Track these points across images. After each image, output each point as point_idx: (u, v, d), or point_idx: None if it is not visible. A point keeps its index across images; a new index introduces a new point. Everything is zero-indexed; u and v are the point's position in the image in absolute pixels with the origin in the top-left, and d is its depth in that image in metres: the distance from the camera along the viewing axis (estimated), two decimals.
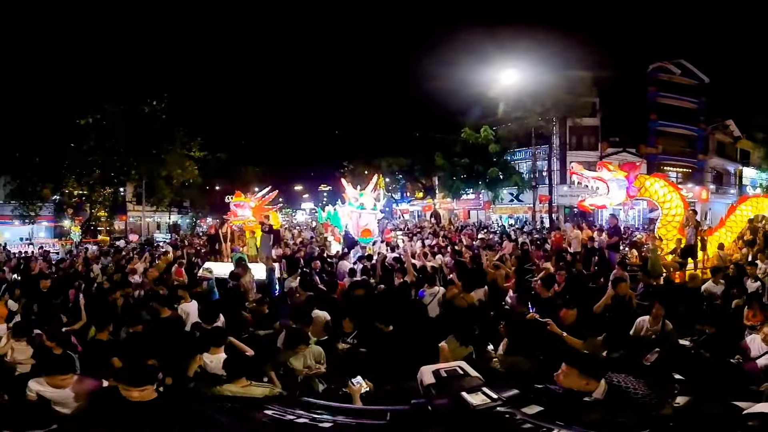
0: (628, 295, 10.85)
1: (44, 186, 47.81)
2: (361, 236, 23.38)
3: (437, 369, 3.81)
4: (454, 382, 3.55)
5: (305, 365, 8.15)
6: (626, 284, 11.19)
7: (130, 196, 60.16)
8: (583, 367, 4.93)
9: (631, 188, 18.58)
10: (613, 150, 49.12)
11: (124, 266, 19.99)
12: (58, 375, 6.31)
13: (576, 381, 4.91)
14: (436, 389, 3.53)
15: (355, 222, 24.02)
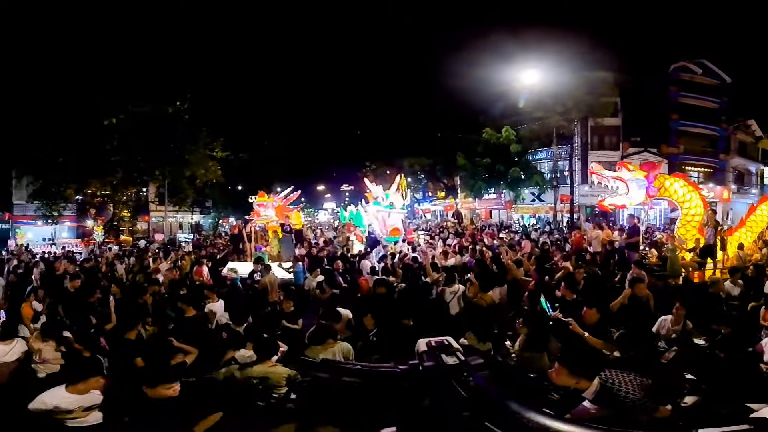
0: (646, 295, 10.78)
1: (67, 186, 47.93)
2: (389, 235, 23.53)
3: (429, 341, 4.24)
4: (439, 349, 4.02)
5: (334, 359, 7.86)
6: (644, 284, 11.07)
7: (153, 196, 60.03)
8: (572, 367, 5.08)
9: (651, 188, 18.58)
10: (635, 150, 48.91)
11: (148, 266, 20.42)
12: (86, 379, 6.38)
13: (566, 379, 5.09)
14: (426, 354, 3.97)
15: (382, 221, 24.02)
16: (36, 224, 49.68)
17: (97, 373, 6.57)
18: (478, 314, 10.00)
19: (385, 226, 23.66)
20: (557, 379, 5.22)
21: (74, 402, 6.27)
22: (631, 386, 4.64)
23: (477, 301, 10.97)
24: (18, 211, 50.99)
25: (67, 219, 52.19)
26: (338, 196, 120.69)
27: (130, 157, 47.45)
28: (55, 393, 6.29)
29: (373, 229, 26.17)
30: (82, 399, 6.33)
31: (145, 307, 12.10)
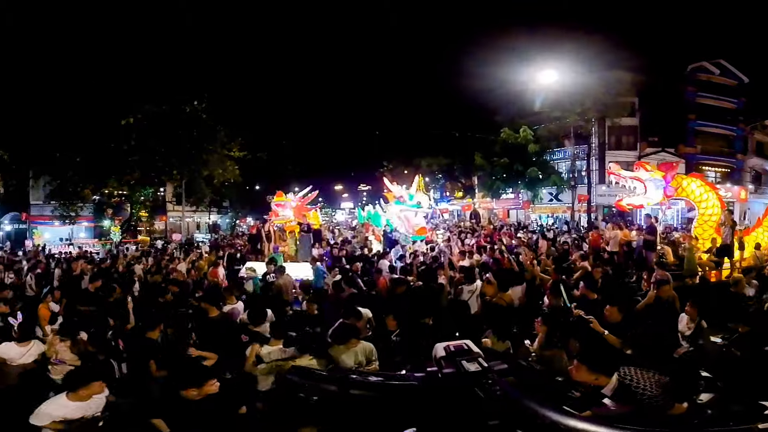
0: (672, 296, 10.75)
1: (85, 186, 48.21)
2: (416, 234, 23.61)
3: (447, 345, 4.35)
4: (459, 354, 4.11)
5: (356, 361, 7.98)
6: (669, 286, 11.04)
7: (170, 196, 60.26)
8: (592, 363, 5.22)
9: (668, 188, 18.65)
10: (652, 150, 48.89)
11: (165, 267, 20.49)
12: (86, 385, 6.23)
13: (586, 375, 5.25)
14: (444, 360, 4.07)
15: (407, 220, 24.01)
16: (53, 224, 49.84)
17: (98, 378, 6.45)
18: (497, 313, 10.07)
19: (411, 225, 23.68)
20: (577, 376, 5.37)
21: (78, 410, 6.21)
22: (649, 383, 4.72)
23: (496, 301, 11.05)
24: (35, 211, 51.36)
25: (85, 219, 52.64)
26: (355, 195, 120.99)
27: (148, 157, 47.35)
28: (57, 403, 6.21)
29: (396, 228, 26.24)
30: (86, 406, 6.28)
31: (166, 307, 12.18)
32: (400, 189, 24.63)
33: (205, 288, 15.50)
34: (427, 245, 23.90)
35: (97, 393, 6.36)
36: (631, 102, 48.01)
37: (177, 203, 58.04)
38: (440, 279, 13.99)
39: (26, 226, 50.53)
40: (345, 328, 8.35)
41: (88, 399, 6.24)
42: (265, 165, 61.53)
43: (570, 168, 49.59)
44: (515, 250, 20.03)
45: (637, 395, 4.71)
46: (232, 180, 54.72)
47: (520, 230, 34.14)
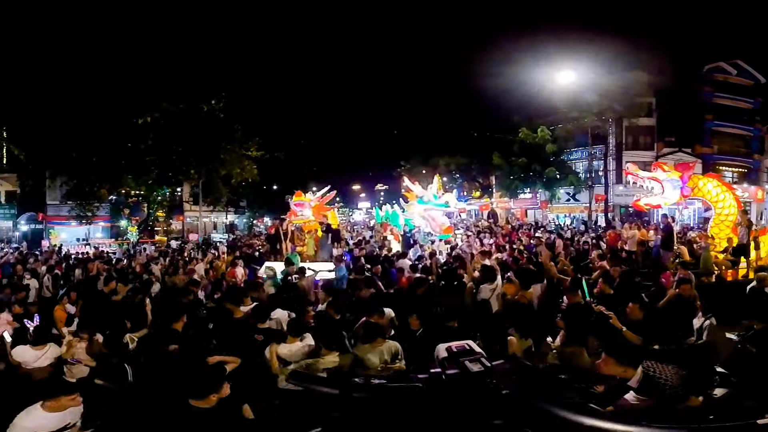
0: (693, 295, 10.90)
1: (101, 186, 48.16)
2: (443, 233, 23.76)
3: (449, 345, 4.52)
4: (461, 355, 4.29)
5: (381, 360, 7.97)
6: (690, 285, 11.25)
7: (187, 196, 60.36)
8: (621, 356, 5.48)
9: (685, 188, 18.76)
10: (669, 150, 48.93)
11: (183, 267, 20.27)
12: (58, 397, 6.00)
13: (614, 368, 5.51)
14: (447, 360, 4.24)
15: (432, 219, 24.16)
16: (70, 224, 49.78)
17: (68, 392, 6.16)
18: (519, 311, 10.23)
19: (437, 224, 23.79)
20: (605, 369, 5.61)
21: (53, 421, 5.97)
22: (670, 375, 4.90)
23: (518, 299, 11.16)
24: (52, 211, 51.47)
25: (101, 219, 52.28)
26: (373, 195, 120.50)
27: (165, 156, 47.53)
28: (33, 414, 5.93)
29: (419, 227, 26.36)
30: (62, 416, 6.05)
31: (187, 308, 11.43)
32: (420, 189, 24.73)
33: (224, 289, 15.72)
34: (446, 245, 24.05)
35: (74, 405, 6.17)
36: (648, 102, 48.07)
37: (194, 203, 58.10)
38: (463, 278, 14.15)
39: (43, 226, 50.62)
40: (370, 327, 8.42)
41: (64, 409, 6.04)
42: (283, 165, 61.50)
43: (587, 168, 49.68)
44: (534, 250, 20.23)
45: (659, 386, 4.89)
46: (250, 180, 54.38)
47: (537, 230, 34.26)
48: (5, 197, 52.16)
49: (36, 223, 50.96)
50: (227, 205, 62.77)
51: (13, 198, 51.83)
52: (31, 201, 50.88)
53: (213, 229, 65.73)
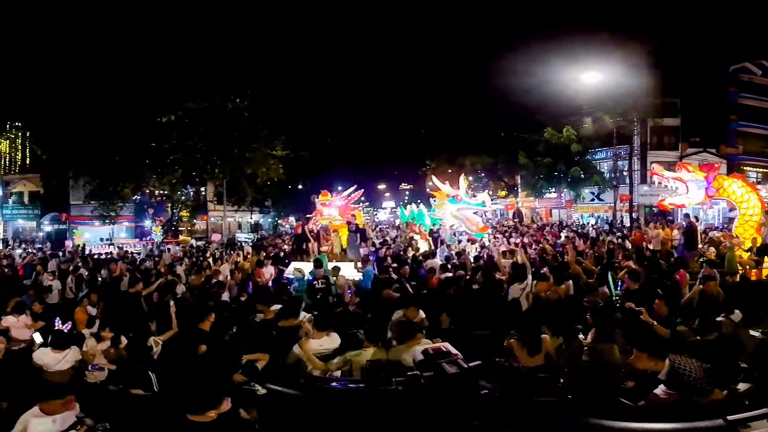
0: (717, 292, 11.10)
1: (125, 186, 48.51)
2: (478, 232, 24.06)
3: (426, 348, 4.69)
4: (438, 357, 4.46)
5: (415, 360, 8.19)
6: (715, 282, 11.41)
7: (211, 196, 60.09)
8: (651, 351, 5.81)
9: (710, 188, 18.86)
10: (693, 150, 48.68)
11: (206, 268, 20.15)
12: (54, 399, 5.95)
13: (646, 362, 5.91)
14: (425, 363, 4.39)
15: (465, 218, 24.37)
16: (93, 224, 50.14)
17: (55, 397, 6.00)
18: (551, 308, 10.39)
19: (472, 223, 23.99)
20: (638, 364, 6.01)
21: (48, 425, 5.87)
22: (694, 368, 5.29)
23: (550, 295, 11.32)
24: (75, 211, 51.67)
25: (125, 219, 52.99)
26: (397, 194, 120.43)
27: (189, 155, 47.48)
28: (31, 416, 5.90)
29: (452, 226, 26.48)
30: (59, 420, 5.93)
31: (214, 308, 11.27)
32: (450, 188, 24.81)
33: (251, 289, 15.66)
34: (473, 244, 24.15)
35: (67, 410, 6.03)
36: (673, 102, 47.93)
37: (218, 203, 58.00)
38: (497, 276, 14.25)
39: (66, 227, 50.65)
40: (407, 327, 8.43)
41: (57, 413, 5.94)
42: (308, 164, 61.50)
43: (612, 168, 49.72)
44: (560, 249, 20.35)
45: (684, 378, 5.26)
46: (276, 179, 54.62)
47: (563, 229, 34.34)
48: (28, 198, 52.42)
49: (59, 223, 51.17)
50: (252, 205, 62.89)
51: (37, 198, 51.97)
52: (55, 201, 51.02)
53: (238, 229, 65.30)
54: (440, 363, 4.73)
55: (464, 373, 4.58)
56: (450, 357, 4.93)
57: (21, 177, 49.80)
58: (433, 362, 4.76)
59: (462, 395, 4.41)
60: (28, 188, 51.82)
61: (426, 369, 4.80)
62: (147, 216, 54.07)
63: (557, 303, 10.98)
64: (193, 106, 46.32)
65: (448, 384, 4.46)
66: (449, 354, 4.99)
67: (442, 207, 26.66)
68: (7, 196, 50.93)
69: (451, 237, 25.50)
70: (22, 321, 11.10)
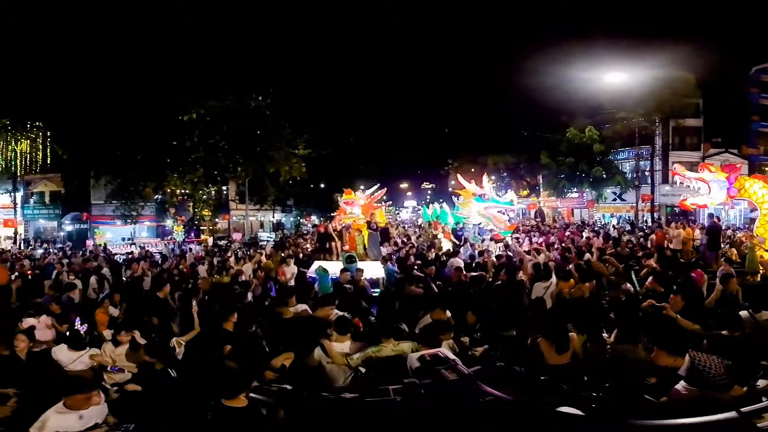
0: (736, 290, 11.31)
1: (146, 185, 49.04)
2: (506, 230, 24.18)
3: (422, 355, 4.77)
4: (436, 363, 4.62)
5: None
6: (735, 280, 11.61)
7: (233, 195, 59.94)
8: (671, 348, 5.96)
9: (732, 189, 18.91)
10: (715, 150, 48.54)
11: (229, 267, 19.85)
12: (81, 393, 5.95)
13: (666, 359, 6.01)
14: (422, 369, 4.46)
15: (493, 217, 24.45)
16: (115, 224, 50.80)
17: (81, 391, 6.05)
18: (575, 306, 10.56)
19: (499, 221, 24.21)
20: (659, 361, 6.13)
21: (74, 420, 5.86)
22: (714, 365, 5.55)
23: (574, 293, 11.54)
24: (96, 211, 52.05)
25: (147, 218, 53.50)
26: (419, 193, 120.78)
27: (211, 154, 47.49)
28: (55, 411, 5.84)
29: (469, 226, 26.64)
30: (84, 415, 5.94)
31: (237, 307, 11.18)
32: (476, 187, 24.90)
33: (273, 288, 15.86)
34: (496, 243, 24.30)
35: (92, 405, 6.06)
36: (695, 103, 47.78)
37: (240, 202, 57.91)
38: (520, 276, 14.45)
39: (87, 226, 50.93)
40: (438, 326, 8.61)
41: (82, 408, 5.92)
42: (330, 162, 61.56)
43: (634, 168, 49.80)
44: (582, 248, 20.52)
45: (703, 374, 5.53)
46: (298, 177, 54.38)
47: (584, 229, 34.47)
48: (49, 197, 52.60)
49: (80, 223, 51.40)
50: (274, 204, 62.83)
51: (58, 198, 52.19)
52: (75, 201, 51.35)
53: (260, 228, 65.10)
54: (439, 370, 4.70)
55: (464, 379, 4.55)
56: (448, 363, 4.92)
57: (42, 177, 49.81)
58: (431, 369, 4.74)
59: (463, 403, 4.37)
60: (49, 188, 52.05)
61: (424, 376, 4.80)
62: (168, 215, 54.13)
63: (581, 301, 11.14)
64: (215, 104, 46.25)
65: (447, 392, 4.44)
66: (447, 360, 4.96)
67: (468, 206, 26.57)
68: (28, 196, 51.16)
69: (474, 236, 25.64)
70: (43, 322, 10.88)
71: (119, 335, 9.20)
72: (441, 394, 4.40)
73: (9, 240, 43.73)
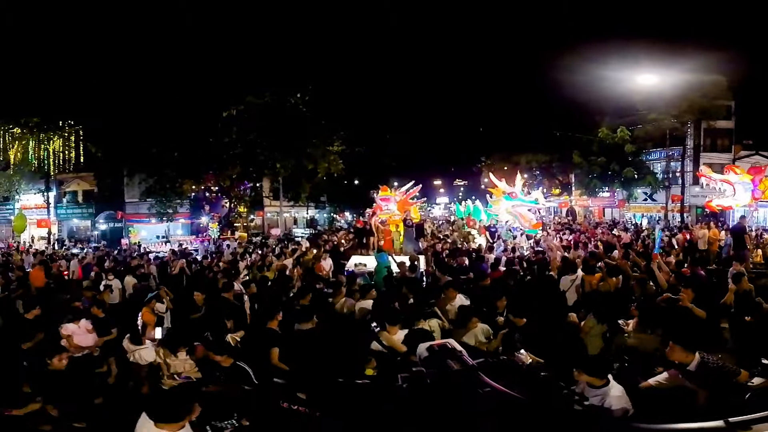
0: (749, 288, 11.85)
1: (183, 182, 48.56)
2: (533, 228, 24.69)
3: (431, 345, 5.19)
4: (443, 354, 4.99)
5: (477, 341, 8.54)
6: (746, 278, 12.22)
7: (267, 191, 59.37)
8: (687, 344, 6.66)
9: (756, 191, 19.42)
10: (746, 153, 48.40)
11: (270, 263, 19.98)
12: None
13: (680, 355, 6.69)
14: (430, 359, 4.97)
15: (520, 215, 24.87)
16: (149, 222, 50.64)
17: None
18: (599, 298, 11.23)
19: (526, 219, 24.60)
20: (672, 356, 6.79)
21: None
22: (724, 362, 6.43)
23: (602, 286, 12.21)
24: (130, 209, 51.85)
25: (181, 216, 52.64)
26: (451, 190, 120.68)
27: (249, 150, 47.47)
28: None
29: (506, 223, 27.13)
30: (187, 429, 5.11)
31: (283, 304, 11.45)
32: (506, 185, 25.34)
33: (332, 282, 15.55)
34: (528, 240, 25.02)
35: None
36: (727, 105, 47.81)
37: (274, 198, 57.59)
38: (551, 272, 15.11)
39: (122, 225, 50.81)
40: (464, 313, 9.23)
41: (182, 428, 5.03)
42: (364, 159, 61.32)
43: (664, 168, 50.19)
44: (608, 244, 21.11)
45: (709, 365, 6.34)
46: (335, 174, 54.20)
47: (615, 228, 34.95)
48: (82, 197, 52.94)
49: (115, 221, 51.18)
50: (308, 200, 62.36)
51: (91, 197, 52.45)
52: (109, 199, 51.33)
53: (293, 224, 65.46)
54: (445, 360, 4.86)
55: (468, 370, 4.74)
56: (455, 354, 5.07)
57: (75, 176, 50.34)
58: (439, 359, 4.88)
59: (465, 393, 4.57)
60: (81, 187, 52.42)
61: (431, 366, 4.95)
62: (203, 212, 54.91)
63: (607, 294, 11.83)
64: (254, 100, 46.31)
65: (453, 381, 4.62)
66: (454, 351, 5.10)
67: (498, 203, 27.22)
68: (61, 195, 51.54)
69: (506, 233, 26.20)
70: (83, 327, 10.69)
71: (174, 348, 8.92)
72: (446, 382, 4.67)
73: (43, 240, 43.93)
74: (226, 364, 7.65)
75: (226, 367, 7.61)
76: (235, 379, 7.34)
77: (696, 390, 6.54)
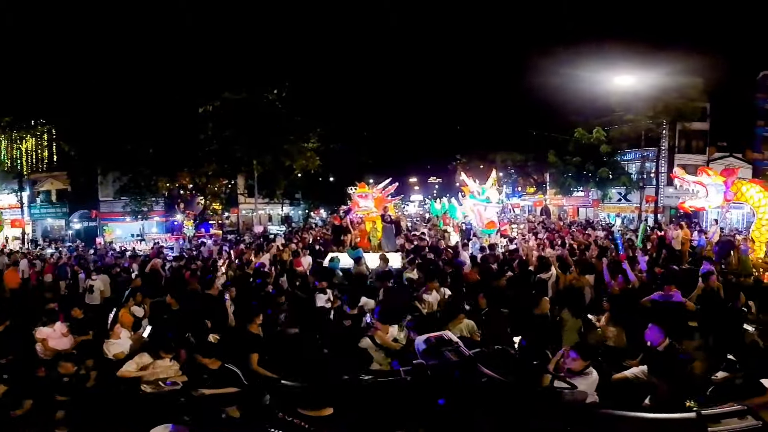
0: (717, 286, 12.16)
1: (158, 179, 47.90)
2: (485, 227, 24.51)
3: (428, 337, 5.22)
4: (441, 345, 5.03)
5: (462, 335, 8.37)
6: (714, 276, 12.52)
7: (242, 188, 59.10)
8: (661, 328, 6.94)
9: (728, 192, 19.56)
10: (720, 154, 49.06)
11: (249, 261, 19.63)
12: None
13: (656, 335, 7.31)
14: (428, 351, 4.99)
15: (479, 214, 24.87)
16: (124, 220, 50.13)
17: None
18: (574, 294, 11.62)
19: (482, 219, 24.54)
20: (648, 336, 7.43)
21: None
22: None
23: (575, 283, 12.62)
24: (104, 208, 50.93)
25: (156, 214, 52.53)
26: (426, 188, 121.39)
27: (225, 147, 47.08)
28: None
29: (470, 221, 27.29)
30: None
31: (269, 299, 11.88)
32: (474, 184, 25.43)
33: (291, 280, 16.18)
34: (503, 238, 25.25)
35: None
36: (702, 107, 48.16)
37: (249, 195, 57.53)
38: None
39: (96, 224, 49.57)
40: (451, 307, 9.59)
41: None
42: (339, 156, 61.91)
43: (639, 169, 50.69)
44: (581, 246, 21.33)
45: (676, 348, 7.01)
46: (312, 171, 55.12)
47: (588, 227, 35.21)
48: (56, 196, 51.86)
49: (89, 220, 50.37)
50: (283, 197, 62.69)
51: (64, 196, 51.23)
52: (83, 198, 49.94)
53: (268, 221, 65.43)
54: (443, 351, 4.92)
55: (465, 361, 4.79)
56: (452, 345, 5.13)
57: (48, 175, 49.45)
58: (437, 351, 4.93)
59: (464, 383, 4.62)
60: (55, 186, 51.42)
61: (430, 358, 4.98)
62: (178, 210, 53.04)
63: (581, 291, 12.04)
64: (230, 96, 46.17)
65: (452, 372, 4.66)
66: (451, 342, 5.16)
67: (465, 201, 27.68)
68: (34, 195, 50.78)
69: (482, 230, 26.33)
70: (58, 330, 10.19)
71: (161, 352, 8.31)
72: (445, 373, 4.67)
73: (17, 240, 43.44)
74: (214, 366, 7.56)
75: (214, 370, 7.51)
76: (224, 381, 7.25)
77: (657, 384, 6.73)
